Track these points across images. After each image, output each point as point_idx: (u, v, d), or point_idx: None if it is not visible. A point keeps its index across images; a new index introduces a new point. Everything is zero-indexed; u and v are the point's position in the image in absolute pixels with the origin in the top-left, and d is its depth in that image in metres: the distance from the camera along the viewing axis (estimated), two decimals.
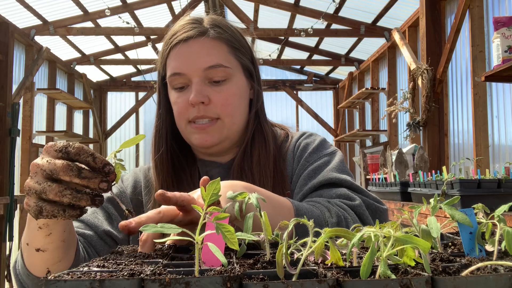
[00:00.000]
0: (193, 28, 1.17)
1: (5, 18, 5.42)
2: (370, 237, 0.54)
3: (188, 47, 1.15)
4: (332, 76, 9.17)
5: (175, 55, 1.16)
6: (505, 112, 3.88)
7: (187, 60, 1.15)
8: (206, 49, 1.15)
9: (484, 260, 0.56)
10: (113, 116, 9.18)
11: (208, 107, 1.15)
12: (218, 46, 1.17)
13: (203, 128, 1.16)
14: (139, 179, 1.30)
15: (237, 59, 1.20)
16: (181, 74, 1.15)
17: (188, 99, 1.14)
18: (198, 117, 1.15)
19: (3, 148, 5.09)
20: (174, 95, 1.19)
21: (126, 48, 7.75)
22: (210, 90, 1.15)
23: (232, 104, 1.17)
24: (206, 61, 1.14)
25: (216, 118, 1.16)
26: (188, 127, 1.18)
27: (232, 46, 1.19)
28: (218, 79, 1.16)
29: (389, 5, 5.68)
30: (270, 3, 6.50)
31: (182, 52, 1.15)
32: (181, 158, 1.25)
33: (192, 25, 1.18)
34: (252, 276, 0.50)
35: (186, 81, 1.16)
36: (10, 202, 5.03)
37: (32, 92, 6.09)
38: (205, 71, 1.14)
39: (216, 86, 1.16)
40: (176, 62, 1.16)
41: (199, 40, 1.16)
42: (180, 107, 1.17)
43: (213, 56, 1.15)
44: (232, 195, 0.71)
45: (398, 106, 5.03)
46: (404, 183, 3.59)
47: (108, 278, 0.47)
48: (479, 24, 4.03)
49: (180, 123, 1.19)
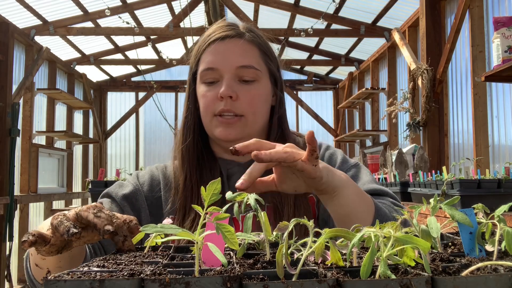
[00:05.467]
0: (230, 29, 1.25)
1: (5, 18, 5.41)
2: (370, 237, 0.54)
3: (224, 45, 1.22)
4: (332, 76, 9.17)
5: (211, 51, 1.23)
6: (505, 112, 3.88)
7: (222, 56, 1.21)
8: (241, 50, 1.23)
9: (484, 260, 0.56)
10: (113, 116, 9.18)
11: (235, 103, 1.20)
12: (252, 49, 1.24)
13: (228, 123, 1.21)
14: (156, 177, 1.31)
15: (266, 64, 1.27)
16: (214, 69, 1.21)
17: (217, 93, 1.20)
18: (225, 110, 1.20)
19: (3, 148, 5.09)
20: (203, 88, 1.24)
21: (126, 48, 7.75)
22: (239, 87, 1.21)
23: (257, 104, 1.23)
24: (239, 61, 1.21)
25: (240, 115, 1.21)
26: (214, 120, 1.22)
27: (263, 51, 1.27)
28: (248, 79, 1.22)
29: (389, 5, 5.68)
30: (270, 3, 6.50)
31: (218, 49, 1.22)
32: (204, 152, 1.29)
33: (230, 26, 1.26)
34: (252, 276, 0.50)
35: (218, 76, 1.22)
36: (10, 202, 5.03)
37: (32, 92, 6.09)
38: (237, 69, 1.21)
39: (245, 85, 1.22)
40: (211, 58, 1.22)
41: (235, 40, 1.23)
42: (208, 100, 1.22)
43: (247, 57, 1.23)
44: (231, 196, 0.71)
45: (398, 106, 5.03)
46: (404, 183, 3.59)
47: (108, 278, 0.48)
48: (479, 24, 4.03)
49: (206, 116, 1.24)
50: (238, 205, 0.73)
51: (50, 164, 6.74)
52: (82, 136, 7.52)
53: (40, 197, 6.14)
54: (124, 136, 9.24)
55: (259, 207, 0.68)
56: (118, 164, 8.99)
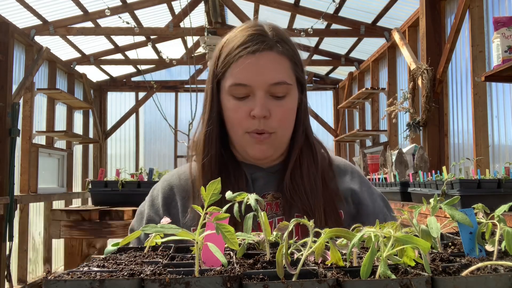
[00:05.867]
0: (261, 40, 1.18)
1: (5, 18, 5.41)
2: (370, 237, 0.54)
3: (256, 60, 1.17)
4: (332, 76, 9.16)
5: (242, 66, 1.17)
6: (505, 112, 3.88)
7: (255, 73, 1.17)
8: (273, 64, 1.18)
9: (484, 260, 0.56)
10: (113, 116, 9.18)
11: (267, 121, 1.18)
12: (283, 62, 1.20)
13: (261, 140, 1.19)
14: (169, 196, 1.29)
15: (295, 74, 1.24)
16: (246, 85, 1.17)
17: (249, 110, 1.17)
18: (259, 130, 1.18)
19: (3, 148, 5.09)
20: (232, 102, 1.20)
21: (126, 48, 7.75)
22: (271, 104, 1.18)
23: (288, 119, 1.22)
24: (272, 77, 1.17)
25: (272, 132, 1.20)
26: (246, 136, 1.20)
27: (294, 61, 1.23)
28: (280, 95, 1.19)
29: (389, 5, 5.68)
30: (270, 3, 6.50)
31: (250, 64, 1.17)
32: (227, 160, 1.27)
33: (260, 36, 1.19)
34: (252, 276, 0.50)
35: (249, 92, 1.18)
36: (10, 202, 5.03)
37: (32, 92, 6.09)
38: (270, 86, 1.17)
39: (277, 100, 1.19)
40: (242, 74, 1.17)
41: (266, 54, 1.18)
42: (241, 117, 1.19)
43: (279, 73, 1.18)
44: (231, 196, 0.71)
45: (398, 106, 5.02)
46: (404, 183, 3.59)
47: (108, 278, 0.47)
48: (479, 24, 4.03)
49: (237, 131, 1.21)
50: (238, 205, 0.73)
51: (50, 164, 6.74)
52: (82, 136, 7.52)
53: (40, 197, 6.14)
54: (124, 136, 9.24)
55: (259, 208, 0.68)
56: (118, 164, 8.99)
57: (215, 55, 1.25)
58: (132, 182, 3.40)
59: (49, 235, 6.54)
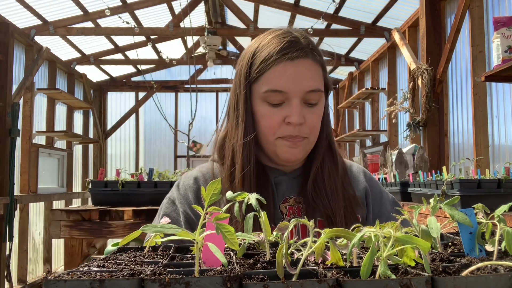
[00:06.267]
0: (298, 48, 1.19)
1: (5, 18, 5.41)
2: (370, 237, 0.54)
3: (294, 67, 1.17)
4: (332, 76, 9.16)
5: (280, 72, 1.17)
6: (505, 112, 3.88)
7: (293, 80, 1.17)
8: (310, 72, 1.20)
9: (484, 260, 0.56)
10: (113, 116, 9.18)
11: (301, 127, 1.19)
12: (317, 70, 1.22)
13: (295, 143, 1.20)
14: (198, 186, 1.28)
15: (324, 80, 1.26)
16: (282, 92, 1.17)
17: (283, 116, 1.18)
18: (293, 136, 1.19)
19: (3, 148, 5.09)
20: (266, 108, 1.19)
21: (126, 48, 7.75)
22: (305, 111, 1.19)
23: (318, 124, 1.24)
24: (309, 85, 1.18)
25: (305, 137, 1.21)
26: (278, 141, 1.20)
27: (324, 68, 1.26)
28: (313, 102, 1.21)
29: (389, 5, 5.68)
30: (270, 3, 6.50)
31: (288, 71, 1.16)
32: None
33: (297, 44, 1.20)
34: (252, 276, 0.50)
35: (284, 98, 1.18)
36: (10, 202, 5.03)
37: (32, 92, 6.09)
38: (306, 94, 1.18)
39: (310, 107, 1.21)
40: (280, 80, 1.17)
41: (304, 62, 1.19)
42: (275, 122, 1.19)
43: (315, 81, 1.20)
44: (232, 196, 0.71)
45: (398, 106, 5.02)
46: (404, 183, 3.59)
47: (108, 278, 0.47)
48: (479, 24, 4.03)
49: (269, 136, 1.21)
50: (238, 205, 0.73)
51: (50, 164, 6.74)
52: (82, 136, 7.52)
53: (40, 197, 6.14)
54: (124, 136, 9.24)
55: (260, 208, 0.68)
56: (118, 164, 8.99)
57: (246, 59, 1.23)
58: (132, 182, 3.40)
59: (49, 235, 6.54)
